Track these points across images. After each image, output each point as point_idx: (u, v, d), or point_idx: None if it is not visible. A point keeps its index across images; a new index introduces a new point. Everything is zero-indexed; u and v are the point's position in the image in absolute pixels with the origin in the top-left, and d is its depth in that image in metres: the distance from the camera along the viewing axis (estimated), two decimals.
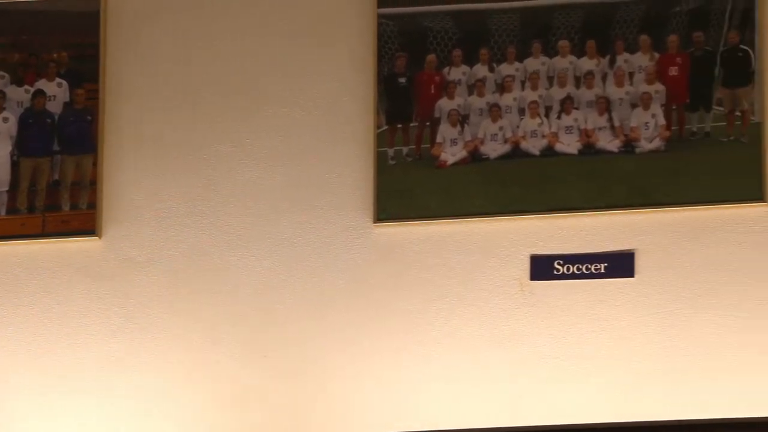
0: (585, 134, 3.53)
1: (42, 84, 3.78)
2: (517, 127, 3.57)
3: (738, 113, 3.44)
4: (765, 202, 3.37)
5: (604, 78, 3.53)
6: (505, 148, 3.57)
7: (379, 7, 3.63)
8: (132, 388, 3.59)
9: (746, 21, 3.45)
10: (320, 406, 3.51)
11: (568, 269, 3.47)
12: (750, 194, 3.38)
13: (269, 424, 3.51)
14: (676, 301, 3.40)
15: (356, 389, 3.50)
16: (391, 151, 3.61)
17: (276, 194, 3.64)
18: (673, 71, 3.50)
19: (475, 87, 3.59)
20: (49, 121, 3.76)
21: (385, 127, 3.62)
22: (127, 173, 3.71)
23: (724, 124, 3.44)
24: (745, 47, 3.45)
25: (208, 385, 3.57)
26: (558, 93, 3.56)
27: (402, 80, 3.64)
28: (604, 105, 3.52)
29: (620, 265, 3.45)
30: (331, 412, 3.50)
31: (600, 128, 3.52)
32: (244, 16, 3.72)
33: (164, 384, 3.58)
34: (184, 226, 3.66)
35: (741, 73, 3.44)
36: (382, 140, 3.61)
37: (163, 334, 3.61)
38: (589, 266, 3.46)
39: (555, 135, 3.54)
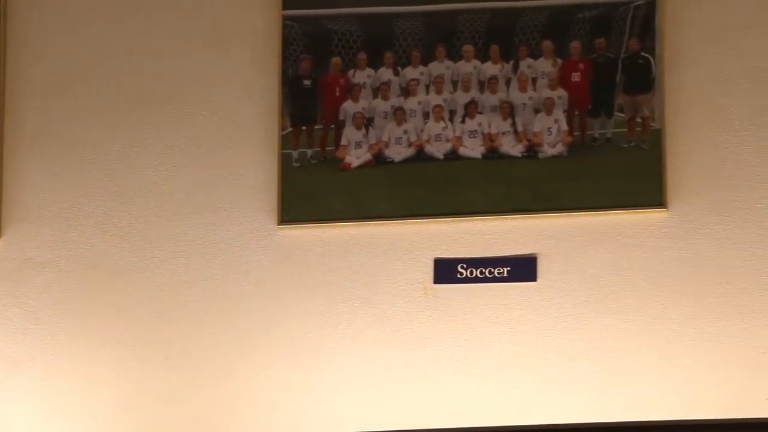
0: (489, 138, 3.54)
1: None
2: (422, 130, 3.57)
3: (639, 119, 3.48)
4: (665, 207, 3.41)
5: (507, 83, 3.55)
6: (410, 151, 3.57)
7: (283, 9, 3.61)
8: (30, 389, 3.55)
9: (647, 29, 3.49)
10: (223, 408, 3.49)
11: (471, 273, 3.49)
12: (650, 200, 3.42)
13: (172, 427, 3.49)
14: (577, 305, 3.43)
15: (258, 391, 3.49)
16: (295, 154, 3.59)
17: (180, 195, 3.61)
18: (576, 77, 3.53)
19: (380, 90, 3.59)
20: None
21: (290, 130, 3.61)
22: (29, 172, 3.66)
23: (626, 130, 3.48)
24: (645, 54, 3.48)
25: (109, 388, 3.53)
26: (462, 97, 3.57)
27: (307, 82, 3.63)
28: (508, 110, 3.54)
29: (522, 269, 3.47)
30: (235, 414, 3.49)
31: (503, 133, 3.54)
32: (148, 16, 3.69)
33: (64, 385, 3.54)
34: (86, 226, 3.61)
35: (642, 80, 3.48)
36: (286, 142, 3.60)
37: (63, 336, 3.57)
38: (492, 270, 3.48)
39: (459, 139, 3.55)
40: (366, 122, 3.59)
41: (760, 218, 3.37)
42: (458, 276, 3.49)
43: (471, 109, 3.56)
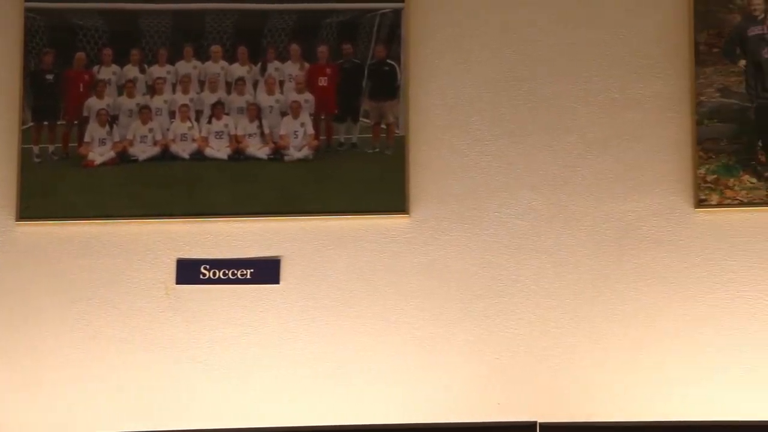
0: (235, 140, 3.53)
1: None
2: (167, 129, 3.53)
3: (384, 126, 3.52)
4: (407, 213, 3.46)
5: (255, 85, 3.54)
6: (155, 150, 3.53)
7: (26, 0, 3.53)
8: None
9: (393, 36, 3.53)
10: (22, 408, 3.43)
11: (214, 274, 3.47)
12: (393, 205, 3.46)
13: None
14: (320, 308, 3.45)
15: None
16: (36, 149, 3.50)
17: None
18: (323, 81, 3.54)
19: (125, 87, 3.53)
20: None
21: (31, 124, 3.52)
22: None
23: (371, 135, 3.52)
24: (391, 62, 3.52)
25: None
26: (209, 98, 3.54)
27: (49, 77, 3.54)
28: (255, 112, 3.53)
29: (266, 271, 3.47)
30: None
31: (250, 135, 3.53)
32: None
33: None
34: None
35: (387, 86, 3.52)
36: (27, 137, 3.50)
37: None
38: (236, 272, 3.47)
39: (205, 139, 3.52)
40: (110, 119, 3.53)
41: (497, 226, 3.45)
42: (201, 277, 3.47)
43: (218, 109, 3.53)
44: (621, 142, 3.44)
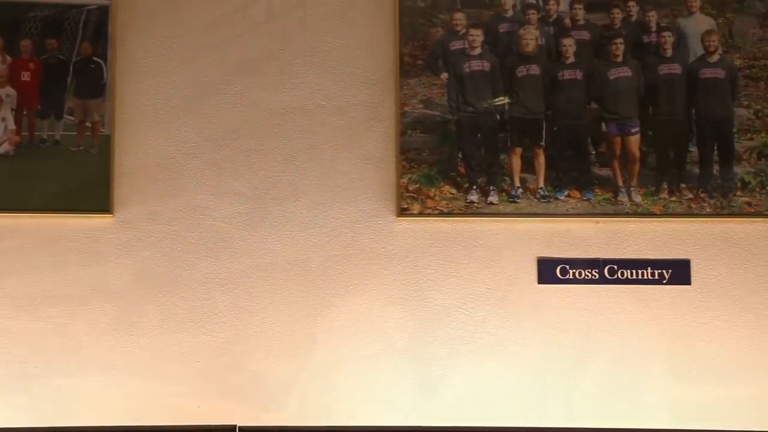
0: None
1: None
2: None
3: (89, 124, 3.44)
4: (110, 213, 3.40)
5: None
6: None
7: None
8: None
9: (100, 33, 3.46)
10: None
11: None
12: (97, 205, 3.40)
13: None
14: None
15: None
16: None
17: None
18: (25, 76, 3.44)
19: None
20: None
21: None
22: None
23: (75, 133, 3.44)
24: (98, 59, 3.45)
25: None
26: None
27: None
28: None
29: None
30: None
31: None
32: None
33: None
34: None
35: (93, 84, 3.45)
36: None
37: None
38: None
39: None
40: None
41: (202, 229, 3.44)
42: None
43: None
44: (327, 149, 3.47)
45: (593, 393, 3.38)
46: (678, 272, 3.43)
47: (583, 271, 3.44)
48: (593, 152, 3.47)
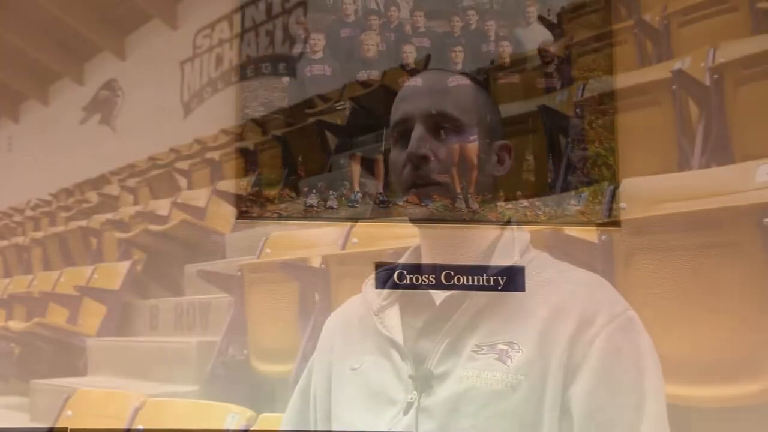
0: None
1: None
2: None
3: None
4: None
5: None
6: None
7: None
8: None
9: None
10: None
11: None
12: None
13: None
14: None
15: None
16: None
17: None
18: None
19: None
20: None
21: None
22: None
23: None
24: None
25: None
26: None
27: None
28: None
29: None
30: None
31: None
32: None
33: None
34: None
35: None
36: None
37: None
38: None
39: None
40: None
41: None
42: None
43: None
44: None
45: None
46: (513, 279, 3.49)
47: (420, 277, 3.47)
48: (433, 159, 3.51)
